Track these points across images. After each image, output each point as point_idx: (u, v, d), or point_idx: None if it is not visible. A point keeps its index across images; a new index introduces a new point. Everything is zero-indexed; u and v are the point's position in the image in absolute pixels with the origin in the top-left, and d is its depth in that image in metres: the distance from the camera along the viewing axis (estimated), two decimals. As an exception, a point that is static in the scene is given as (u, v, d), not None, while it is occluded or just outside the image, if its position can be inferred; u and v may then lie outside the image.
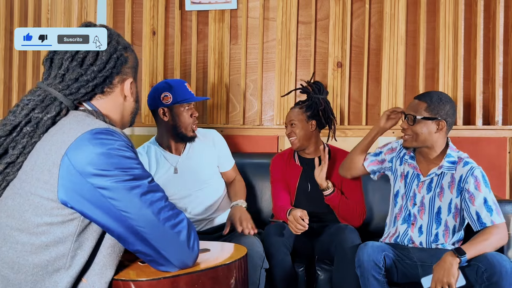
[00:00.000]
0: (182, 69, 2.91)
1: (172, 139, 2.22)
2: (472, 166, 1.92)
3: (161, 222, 1.06)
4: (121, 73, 1.19)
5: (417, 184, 2.01)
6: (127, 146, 1.07)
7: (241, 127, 2.82)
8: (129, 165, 1.04)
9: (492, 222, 1.82)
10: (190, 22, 2.89)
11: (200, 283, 1.13)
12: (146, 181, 1.06)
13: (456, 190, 1.93)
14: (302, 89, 2.42)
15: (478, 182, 1.88)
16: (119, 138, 1.07)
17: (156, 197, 1.07)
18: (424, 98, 1.95)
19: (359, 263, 1.83)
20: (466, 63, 2.69)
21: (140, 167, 1.08)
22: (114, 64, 1.16)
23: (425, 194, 1.99)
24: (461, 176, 1.92)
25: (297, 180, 2.33)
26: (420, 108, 1.93)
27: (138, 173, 1.06)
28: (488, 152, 2.62)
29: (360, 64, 2.77)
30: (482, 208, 1.85)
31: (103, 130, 1.06)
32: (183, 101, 2.15)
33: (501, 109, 2.66)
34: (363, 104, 2.75)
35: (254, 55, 2.84)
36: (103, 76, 1.14)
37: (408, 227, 2.00)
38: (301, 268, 2.11)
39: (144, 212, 1.04)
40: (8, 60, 3.10)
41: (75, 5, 2.98)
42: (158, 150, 2.23)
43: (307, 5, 2.80)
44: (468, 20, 2.68)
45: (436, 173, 1.97)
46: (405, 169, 2.07)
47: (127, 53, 1.21)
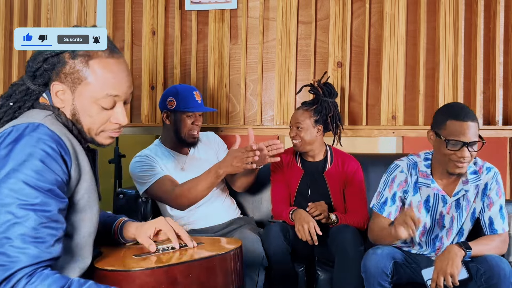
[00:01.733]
0: (182, 69, 2.91)
1: (175, 142, 2.25)
2: (495, 171, 1.86)
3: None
4: (55, 72, 1.14)
5: (444, 205, 1.86)
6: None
7: (241, 127, 2.81)
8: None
9: (503, 230, 1.82)
10: (190, 22, 2.88)
11: (195, 272, 1.15)
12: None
13: (480, 198, 1.86)
14: (312, 90, 2.37)
15: (499, 188, 1.85)
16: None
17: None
18: (475, 118, 1.74)
19: (365, 269, 1.78)
20: (467, 63, 2.68)
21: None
22: (44, 59, 1.13)
23: (454, 213, 1.87)
24: (486, 184, 1.85)
25: (297, 184, 2.30)
26: (477, 130, 1.75)
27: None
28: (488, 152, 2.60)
29: (360, 64, 2.76)
30: (497, 215, 1.83)
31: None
32: (186, 109, 2.17)
33: (502, 109, 2.65)
34: (363, 104, 2.75)
35: (254, 55, 2.84)
36: (35, 68, 1.14)
37: (433, 252, 1.91)
38: (301, 268, 2.11)
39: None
40: (7, 60, 3.10)
41: (75, 5, 2.98)
42: (165, 150, 2.25)
43: (307, 5, 2.79)
44: (469, 20, 2.68)
45: (465, 189, 1.84)
46: (423, 194, 1.87)
47: (69, 58, 1.13)
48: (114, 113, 1.17)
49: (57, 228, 1.03)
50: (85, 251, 1.15)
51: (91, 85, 1.13)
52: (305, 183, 2.29)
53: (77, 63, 1.12)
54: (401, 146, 2.73)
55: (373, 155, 2.67)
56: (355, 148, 2.65)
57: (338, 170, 2.28)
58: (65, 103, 1.15)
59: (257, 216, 2.50)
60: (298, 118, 2.26)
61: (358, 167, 2.30)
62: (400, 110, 2.71)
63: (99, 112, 1.16)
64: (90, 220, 1.16)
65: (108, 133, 1.19)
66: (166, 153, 2.24)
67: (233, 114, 2.87)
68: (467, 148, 1.70)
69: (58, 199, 1.04)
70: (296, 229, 2.06)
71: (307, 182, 2.29)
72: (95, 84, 1.13)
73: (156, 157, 2.19)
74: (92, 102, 1.14)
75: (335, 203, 2.26)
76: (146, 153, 2.21)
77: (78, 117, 1.16)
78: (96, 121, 1.16)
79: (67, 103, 1.15)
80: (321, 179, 2.28)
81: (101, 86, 1.13)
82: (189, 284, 1.14)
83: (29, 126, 1.07)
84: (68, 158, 1.08)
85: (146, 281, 1.10)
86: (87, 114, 1.15)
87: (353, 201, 2.25)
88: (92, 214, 1.16)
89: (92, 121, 1.16)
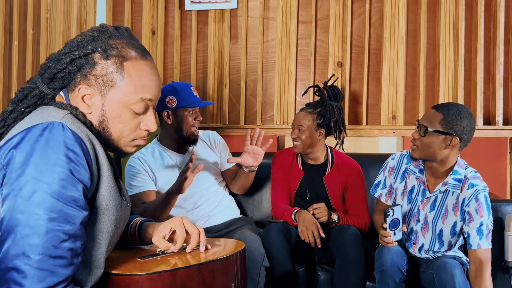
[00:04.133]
0: (182, 69, 2.90)
1: (175, 142, 2.23)
2: (477, 189, 1.81)
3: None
4: (81, 74, 1.04)
5: (422, 200, 1.91)
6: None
7: (241, 127, 2.81)
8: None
9: (478, 245, 1.78)
10: (190, 22, 2.88)
11: (200, 276, 1.15)
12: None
13: (459, 212, 1.85)
14: (317, 92, 2.33)
15: (480, 206, 1.80)
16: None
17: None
18: (442, 109, 1.80)
19: (381, 267, 1.78)
20: (467, 63, 2.68)
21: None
22: (70, 60, 1.03)
23: (428, 212, 1.90)
24: (464, 199, 1.83)
25: (297, 185, 2.28)
26: (435, 119, 1.79)
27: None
28: (488, 152, 2.62)
29: (361, 64, 2.76)
30: (474, 231, 1.80)
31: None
32: (188, 106, 2.16)
33: (502, 109, 2.65)
34: (363, 104, 2.74)
35: (254, 55, 2.84)
36: (58, 69, 1.04)
37: (410, 247, 1.95)
38: (301, 268, 2.11)
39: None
40: (7, 59, 3.09)
41: (74, 5, 2.97)
42: (162, 150, 2.23)
43: (307, 5, 2.79)
44: (469, 19, 2.68)
45: (441, 190, 1.87)
46: (410, 184, 1.95)
47: (100, 58, 1.04)
48: (145, 119, 1.09)
49: (76, 243, 0.96)
50: (100, 262, 1.08)
51: (124, 89, 1.04)
52: (304, 185, 2.28)
53: (110, 65, 1.03)
54: (401, 146, 2.73)
55: (373, 155, 2.67)
56: (355, 148, 2.66)
57: (338, 175, 2.26)
58: (92, 109, 1.05)
59: (257, 216, 2.50)
60: (301, 120, 2.23)
61: (359, 172, 2.28)
62: (400, 110, 2.71)
63: (131, 118, 1.07)
64: (107, 231, 1.07)
65: (138, 141, 1.11)
66: (162, 153, 2.22)
67: (233, 114, 2.87)
68: (417, 129, 1.83)
69: (81, 211, 0.96)
70: (300, 231, 2.05)
71: (306, 184, 2.28)
72: (129, 87, 1.04)
73: (149, 160, 2.17)
74: (124, 107, 1.05)
75: (335, 206, 2.26)
76: (140, 156, 2.18)
77: (107, 124, 1.06)
78: (127, 128, 1.07)
79: (95, 108, 1.05)
80: (320, 182, 2.27)
81: (135, 89, 1.05)
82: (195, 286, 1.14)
83: (48, 126, 0.97)
84: (90, 161, 0.99)
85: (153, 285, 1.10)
86: (118, 120, 1.06)
87: (353, 205, 2.25)
88: (109, 223, 1.06)
89: (123, 129, 1.07)
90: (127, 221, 1.23)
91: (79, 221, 0.96)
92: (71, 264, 0.95)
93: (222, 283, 1.21)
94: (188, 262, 1.18)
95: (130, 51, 1.06)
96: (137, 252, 1.29)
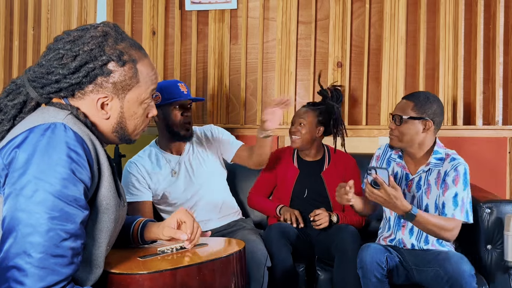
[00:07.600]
0: (182, 69, 2.91)
1: (170, 140, 2.20)
2: (459, 161, 1.89)
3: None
4: (95, 83, 1.06)
5: (406, 183, 1.99)
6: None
7: (241, 127, 2.82)
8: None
9: (452, 215, 1.83)
10: (190, 22, 2.89)
11: (201, 275, 1.17)
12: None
13: (441, 185, 1.91)
14: (321, 91, 2.38)
15: (458, 176, 1.86)
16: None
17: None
18: (411, 98, 1.93)
19: (361, 264, 1.82)
20: (466, 63, 2.69)
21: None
22: (86, 73, 1.04)
23: (415, 193, 1.97)
24: (445, 171, 1.90)
25: (292, 184, 2.30)
26: (407, 108, 1.91)
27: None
28: (488, 152, 2.62)
29: (360, 64, 2.77)
30: (449, 200, 1.84)
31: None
32: (171, 100, 2.12)
33: (501, 109, 2.66)
34: (363, 104, 2.75)
35: (254, 55, 2.84)
36: (68, 83, 1.05)
37: (399, 230, 1.99)
38: (301, 268, 2.11)
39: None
40: (8, 60, 3.10)
41: (75, 5, 2.98)
42: (159, 152, 2.22)
43: (307, 5, 2.80)
44: (468, 20, 2.68)
45: (424, 169, 1.94)
46: (394, 170, 2.04)
47: (116, 66, 1.06)
48: (148, 108, 1.16)
49: (77, 242, 0.97)
50: (100, 261, 1.09)
51: (140, 88, 1.11)
52: (301, 183, 2.30)
53: (127, 71, 1.08)
54: (401, 146, 2.73)
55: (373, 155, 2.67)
56: (355, 148, 2.65)
57: (336, 169, 2.30)
58: (111, 113, 1.10)
59: (257, 217, 2.50)
60: (302, 114, 2.28)
61: (355, 165, 2.33)
62: (400, 110, 2.71)
63: (143, 113, 1.15)
64: (107, 230, 1.08)
65: (144, 127, 1.19)
66: (159, 155, 2.20)
67: (233, 114, 2.87)
68: (392, 120, 1.94)
69: (81, 210, 0.97)
70: (283, 218, 2.18)
71: (303, 183, 2.30)
72: (143, 86, 1.11)
73: (146, 164, 2.15)
74: (139, 104, 1.12)
75: (334, 202, 2.26)
76: (137, 160, 2.17)
77: (124, 122, 1.12)
78: (140, 121, 1.15)
79: (114, 111, 1.10)
80: (318, 179, 2.29)
81: (147, 86, 1.12)
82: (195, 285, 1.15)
83: (51, 127, 0.99)
84: (91, 161, 1.01)
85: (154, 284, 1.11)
86: (134, 117, 1.13)
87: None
88: (109, 223, 1.08)
89: (137, 122, 1.14)
90: (124, 220, 1.24)
91: (80, 220, 0.97)
92: (71, 263, 0.96)
93: (222, 282, 1.22)
94: (189, 261, 1.19)
95: (136, 52, 1.11)
96: (137, 251, 1.30)
